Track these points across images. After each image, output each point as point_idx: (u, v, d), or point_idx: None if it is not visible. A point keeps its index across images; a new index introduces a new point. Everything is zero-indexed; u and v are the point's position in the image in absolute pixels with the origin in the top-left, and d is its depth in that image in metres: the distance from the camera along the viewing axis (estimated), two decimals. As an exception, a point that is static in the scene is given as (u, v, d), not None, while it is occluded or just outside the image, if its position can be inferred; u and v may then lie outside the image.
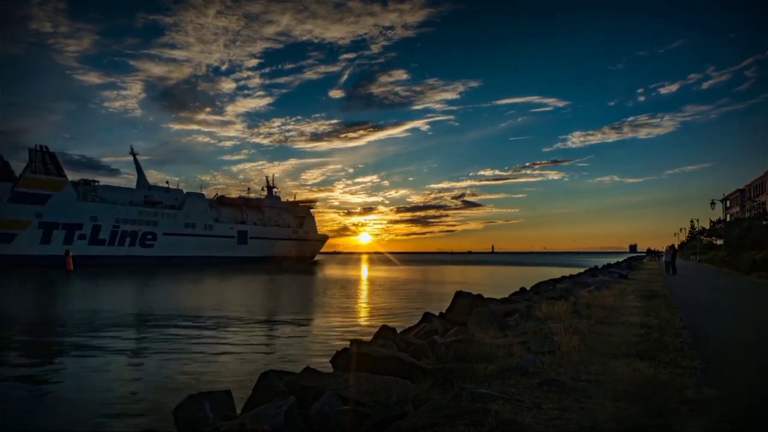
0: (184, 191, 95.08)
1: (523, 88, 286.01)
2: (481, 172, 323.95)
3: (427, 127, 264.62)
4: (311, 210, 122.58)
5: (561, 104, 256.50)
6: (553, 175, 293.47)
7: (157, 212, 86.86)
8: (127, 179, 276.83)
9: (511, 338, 8.12)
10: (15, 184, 69.86)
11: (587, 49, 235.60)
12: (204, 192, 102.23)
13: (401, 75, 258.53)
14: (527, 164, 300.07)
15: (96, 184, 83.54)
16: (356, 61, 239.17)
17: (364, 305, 27.40)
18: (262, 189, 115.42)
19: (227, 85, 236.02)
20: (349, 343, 8.35)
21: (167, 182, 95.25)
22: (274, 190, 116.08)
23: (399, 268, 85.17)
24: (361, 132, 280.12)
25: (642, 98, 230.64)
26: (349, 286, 41.90)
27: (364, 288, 40.37)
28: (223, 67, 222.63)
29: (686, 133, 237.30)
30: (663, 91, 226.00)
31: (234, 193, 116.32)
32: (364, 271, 72.68)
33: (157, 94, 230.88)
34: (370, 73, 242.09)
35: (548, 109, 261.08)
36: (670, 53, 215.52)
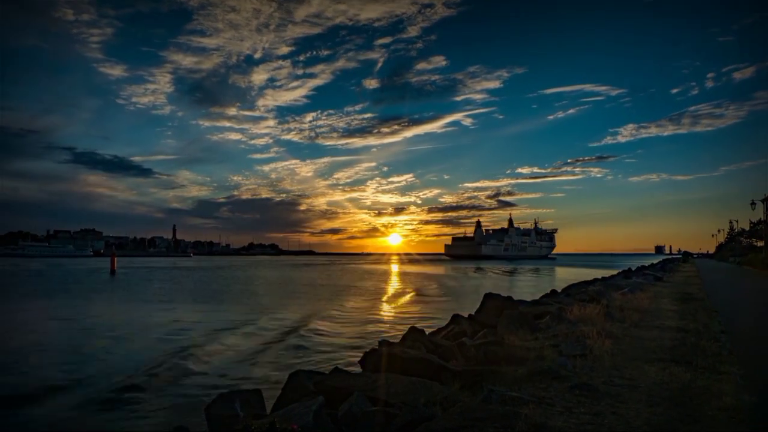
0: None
1: (573, 75, 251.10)
2: (519, 170, 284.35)
3: (467, 120, 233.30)
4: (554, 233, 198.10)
5: (615, 92, 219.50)
6: (596, 173, 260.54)
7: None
8: (158, 180, 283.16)
9: (541, 341, 8.00)
10: None
11: (650, 28, 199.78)
12: (237, 193, 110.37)
13: (440, 61, 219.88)
14: (569, 161, 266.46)
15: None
16: (392, 46, 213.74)
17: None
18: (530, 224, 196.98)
19: (259, 77, 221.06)
20: (377, 343, 8.37)
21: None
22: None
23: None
24: (396, 127, 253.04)
25: (710, 84, 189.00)
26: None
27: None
28: (256, 55, 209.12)
29: (753, 124, 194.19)
30: (737, 76, 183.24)
31: (264, 194, 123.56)
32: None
33: (186, 88, 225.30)
34: (407, 60, 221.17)
35: (600, 98, 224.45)
36: (745, 29, 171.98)
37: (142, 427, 8.36)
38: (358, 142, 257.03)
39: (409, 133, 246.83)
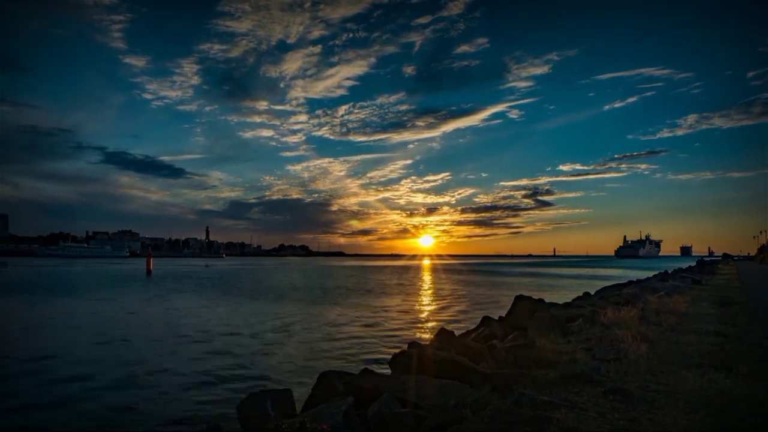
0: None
1: (631, 58, 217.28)
2: (561, 167, 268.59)
3: (510, 112, 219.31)
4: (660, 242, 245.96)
5: (679, 77, 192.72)
6: (642, 170, 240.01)
7: None
8: (190, 181, 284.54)
9: (574, 344, 7.87)
10: None
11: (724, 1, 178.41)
12: (268, 194, 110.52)
13: (483, 44, 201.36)
14: (616, 156, 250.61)
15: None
16: (431, 26, 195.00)
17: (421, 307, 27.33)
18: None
19: (290, 66, 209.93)
20: (407, 345, 8.37)
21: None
22: None
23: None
24: (432, 120, 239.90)
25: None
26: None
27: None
28: (289, 41, 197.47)
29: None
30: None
31: (295, 195, 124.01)
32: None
33: (214, 80, 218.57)
34: (447, 42, 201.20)
35: (660, 84, 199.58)
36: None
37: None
38: (392, 137, 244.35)
39: (447, 127, 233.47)
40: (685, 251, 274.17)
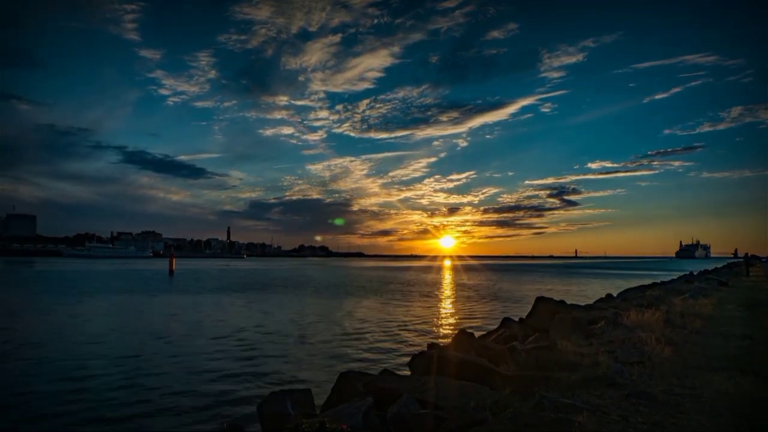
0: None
1: (676, 44, 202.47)
2: (589, 165, 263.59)
3: (540, 106, 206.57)
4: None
5: (728, 64, 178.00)
6: (676, 167, 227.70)
7: None
8: (211, 181, 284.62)
9: (596, 347, 7.76)
10: None
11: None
12: (288, 194, 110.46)
13: (513, 29, 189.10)
14: (649, 153, 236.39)
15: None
16: (458, 10, 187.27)
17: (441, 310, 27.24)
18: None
19: (310, 57, 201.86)
20: (426, 346, 8.36)
21: None
22: None
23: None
24: (456, 115, 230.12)
25: None
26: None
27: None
28: (311, 28, 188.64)
29: None
30: None
31: (315, 195, 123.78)
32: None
33: (231, 74, 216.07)
34: (475, 28, 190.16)
35: (701, 74, 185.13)
36: None
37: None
38: (415, 134, 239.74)
39: (474, 122, 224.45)
40: (687, 251, 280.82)
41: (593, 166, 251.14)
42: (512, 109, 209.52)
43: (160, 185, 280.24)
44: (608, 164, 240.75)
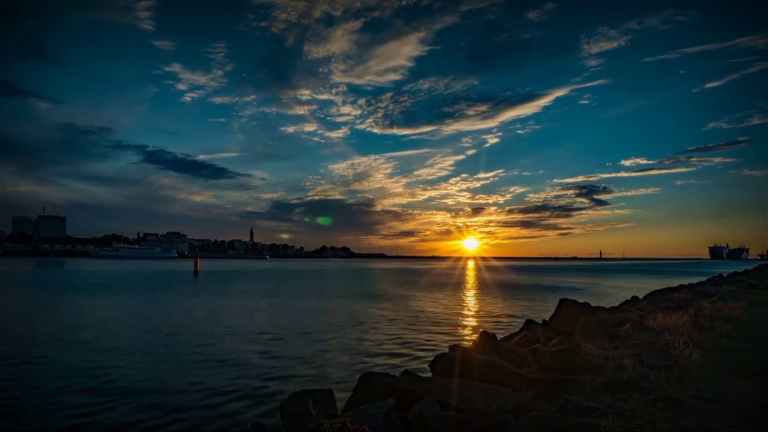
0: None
1: (729, 26, 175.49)
2: (623, 162, 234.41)
3: (575, 97, 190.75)
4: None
5: None
6: (716, 163, 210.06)
7: None
8: (233, 181, 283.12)
9: (621, 350, 7.63)
10: None
11: None
12: (310, 194, 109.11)
13: (549, 9, 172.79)
14: (689, 149, 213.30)
15: None
16: None
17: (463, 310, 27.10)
18: None
19: (333, 46, 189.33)
20: (448, 347, 8.32)
21: None
22: None
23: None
24: (485, 108, 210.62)
25: None
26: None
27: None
28: (335, 12, 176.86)
29: None
30: None
31: (337, 195, 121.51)
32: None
33: (250, 65, 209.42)
34: (512, 6, 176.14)
35: (754, 58, 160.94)
36: None
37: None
38: (442, 130, 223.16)
39: (504, 116, 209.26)
40: (716, 253, 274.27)
41: (627, 163, 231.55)
42: (545, 101, 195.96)
43: (181, 186, 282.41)
44: (643, 161, 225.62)
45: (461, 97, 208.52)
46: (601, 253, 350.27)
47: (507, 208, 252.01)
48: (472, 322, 22.27)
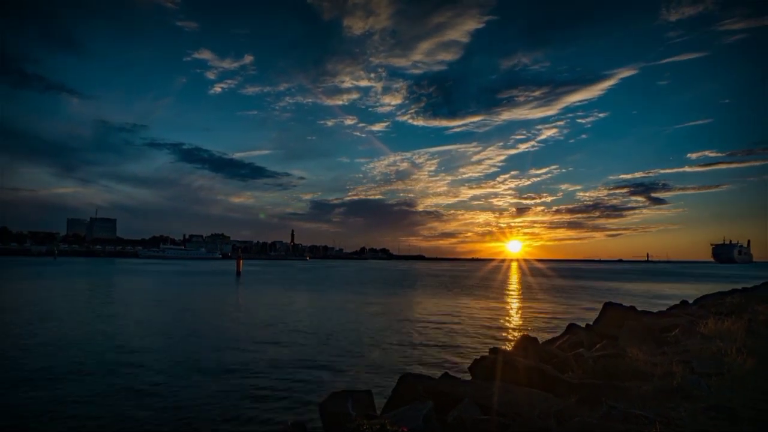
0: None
1: None
2: (689, 155, 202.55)
3: (647, 76, 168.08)
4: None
5: None
6: None
7: None
8: (271, 181, 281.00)
9: (669, 356, 7.37)
10: None
11: None
12: (351, 195, 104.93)
13: None
14: None
15: None
16: None
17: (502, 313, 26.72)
18: None
19: (374, 21, 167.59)
20: (488, 350, 8.23)
21: None
22: None
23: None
24: (539, 93, 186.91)
25: None
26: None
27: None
28: None
29: None
30: None
31: (378, 195, 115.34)
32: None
33: (283, 44, 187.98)
34: None
35: None
36: None
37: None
38: (492, 120, 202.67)
39: (561, 103, 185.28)
40: (721, 254, 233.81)
41: (692, 156, 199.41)
42: (611, 82, 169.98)
43: (219, 186, 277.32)
44: (712, 154, 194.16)
45: (515, 81, 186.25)
46: (648, 255, 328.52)
47: (554, 208, 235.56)
48: (512, 324, 21.93)
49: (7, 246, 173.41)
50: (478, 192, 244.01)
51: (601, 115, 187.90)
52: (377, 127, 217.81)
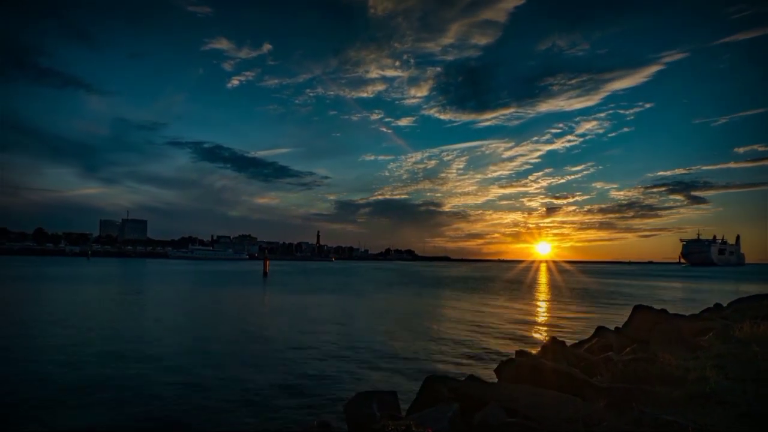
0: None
1: None
2: (737, 149, 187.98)
3: (698, 59, 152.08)
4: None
5: None
6: None
7: None
8: (296, 180, 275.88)
9: (703, 361, 7.17)
10: None
11: None
12: (377, 194, 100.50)
13: None
14: None
15: None
16: None
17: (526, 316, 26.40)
18: None
19: (403, 1, 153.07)
20: (514, 352, 8.15)
21: None
22: None
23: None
24: (573, 83, 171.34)
25: None
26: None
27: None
28: None
29: None
30: None
31: (404, 195, 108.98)
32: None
33: (303, 26, 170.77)
34: None
35: None
36: None
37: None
38: (525, 112, 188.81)
39: (601, 93, 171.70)
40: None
41: (740, 151, 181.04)
42: (657, 67, 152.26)
43: (242, 186, 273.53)
44: (761, 148, 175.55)
45: (550, 68, 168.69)
46: (680, 258, 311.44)
47: (586, 208, 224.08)
48: (540, 326, 21.65)
49: (43, 246, 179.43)
50: (508, 191, 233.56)
51: (647, 105, 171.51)
52: (403, 122, 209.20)
